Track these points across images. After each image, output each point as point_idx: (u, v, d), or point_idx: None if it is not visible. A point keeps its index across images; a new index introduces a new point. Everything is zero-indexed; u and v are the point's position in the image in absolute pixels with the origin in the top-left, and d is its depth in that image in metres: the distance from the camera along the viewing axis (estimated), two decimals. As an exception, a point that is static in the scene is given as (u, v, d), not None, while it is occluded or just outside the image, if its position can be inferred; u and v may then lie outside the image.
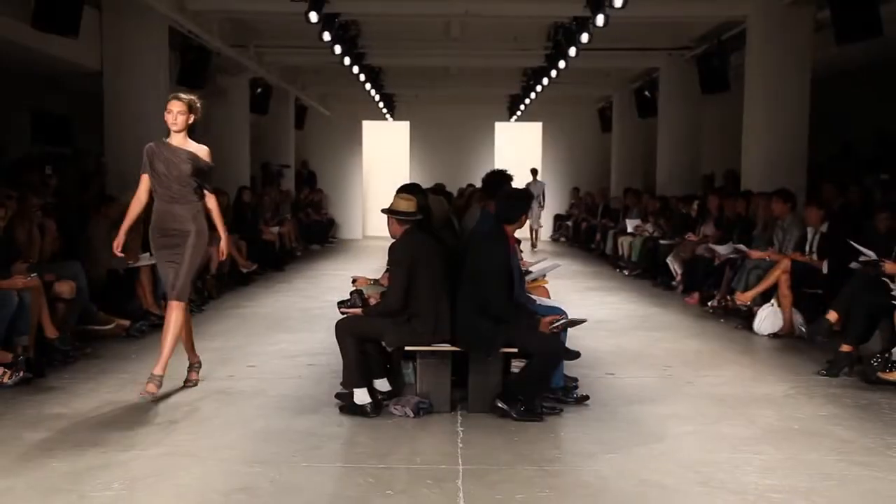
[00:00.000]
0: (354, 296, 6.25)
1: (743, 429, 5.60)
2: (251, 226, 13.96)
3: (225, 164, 16.44)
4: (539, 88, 18.22)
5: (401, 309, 5.81)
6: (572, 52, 13.65)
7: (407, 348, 6.04)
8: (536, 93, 18.92)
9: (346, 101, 23.22)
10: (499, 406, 5.75)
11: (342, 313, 6.18)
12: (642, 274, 13.77)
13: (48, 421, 5.65)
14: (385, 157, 24.89)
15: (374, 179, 24.67)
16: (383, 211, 6.08)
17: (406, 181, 9.19)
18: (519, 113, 23.00)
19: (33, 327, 6.96)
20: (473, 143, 24.02)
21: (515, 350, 5.88)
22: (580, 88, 21.11)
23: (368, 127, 24.55)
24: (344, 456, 5.10)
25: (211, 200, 6.41)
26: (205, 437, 5.34)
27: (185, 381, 6.57)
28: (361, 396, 5.81)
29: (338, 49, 13.64)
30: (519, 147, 24.76)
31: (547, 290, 7.41)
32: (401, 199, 6.07)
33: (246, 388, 6.59)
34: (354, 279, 6.83)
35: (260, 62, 16.36)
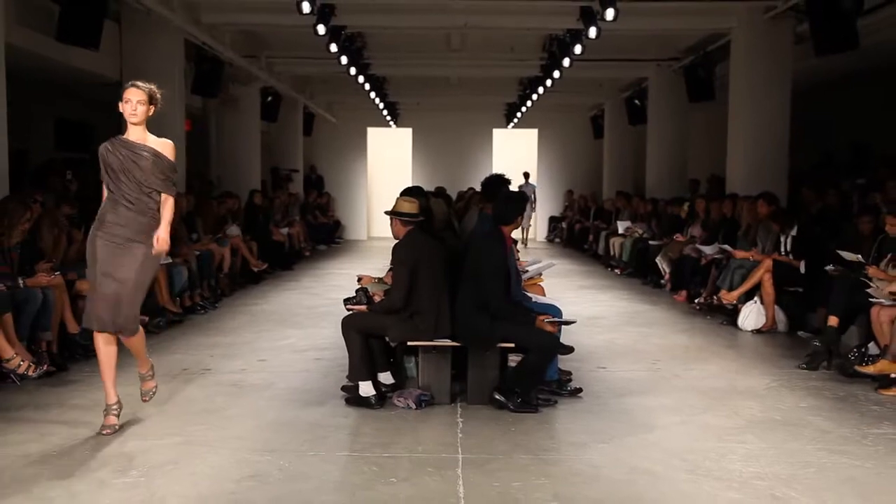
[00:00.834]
0: (360, 293, 6.25)
1: (728, 419, 5.60)
2: (262, 227, 13.97)
3: (237, 168, 16.57)
4: (535, 97, 18.22)
5: (404, 306, 5.81)
6: (566, 62, 13.70)
7: (409, 343, 6.05)
8: (532, 101, 18.91)
9: (352, 109, 23.21)
10: (496, 398, 5.76)
11: (348, 310, 6.19)
12: (633, 273, 13.77)
13: (70, 412, 5.66)
14: (389, 162, 24.88)
15: (378, 183, 24.67)
16: (387, 213, 6.09)
17: (409, 185, 9.19)
18: (516, 120, 22.98)
19: (56, 323, 6.98)
20: (472, 149, 24.02)
21: (512, 345, 5.89)
22: (574, 97, 21.10)
23: (373, 133, 24.54)
24: (349, 445, 5.09)
25: (168, 202, 5.15)
26: (218, 428, 5.34)
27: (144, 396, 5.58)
28: (366, 389, 5.81)
29: (344, 60, 13.64)
30: (516, 152, 24.78)
31: (542, 288, 7.42)
32: (403, 201, 6.08)
33: (257, 381, 6.59)
34: (360, 278, 6.83)
35: (270, 72, 16.37)
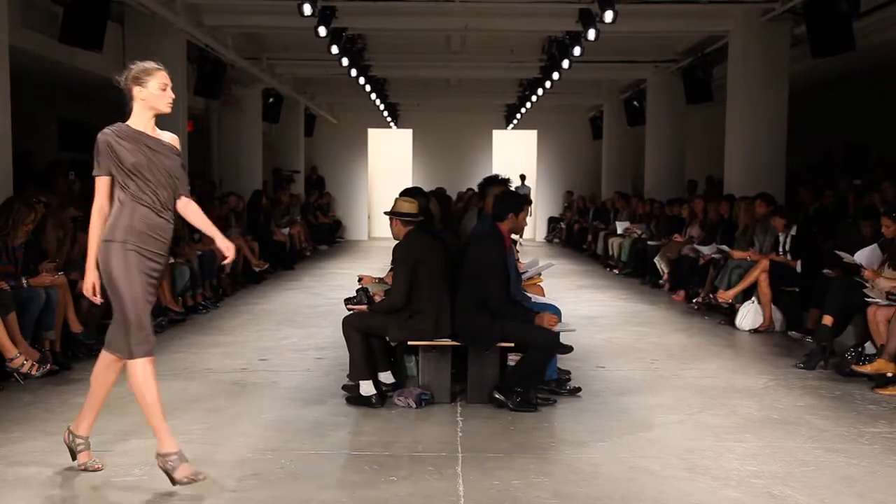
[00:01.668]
0: (360, 293, 6.24)
1: (725, 418, 5.60)
2: (263, 227, 13.97)
3: (239, 169, 16.57)
4: (534, 98, 18.21)
5: (404, 306, 5.80)
6: (565, 64, 13.70)
7: (410, 343, 6.05)
8: (532, 102, 18.90)
9: (353, 110, 23.21)
10: (496, 397, 5.76)
11: (349, 309, 6.18)
12: (631, 273, 13.76)
13: (72, 410, 5.62)
14: (389, 162, 24.88)
15: (378, 184, 24.67)
16: (387, 213, 6.09)
17: (409, 185, 9.17)
18: (515, 121, 22.98)
19: (59, 322, 6.97)
20: (472, 150, 24.02)
21: (512, 344, 5.89)
22: (573, 98, 21.11)
23: (373, 134, 24.54)
24: (350, 444, 5.09)
25: (192, 204, 4.52)
26: (219, 426, 5.34)
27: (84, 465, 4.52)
28: (367, 388, 5.81)
29: (345, 61, 13.64)
30: (515, 154, 24.78)
31: (542, 288, 7.42)
32: (403, 201, 6.07)
33: (258, 381, 6.59)
34: (360, 277, 6.82)
35: (272, 74, 16.36)
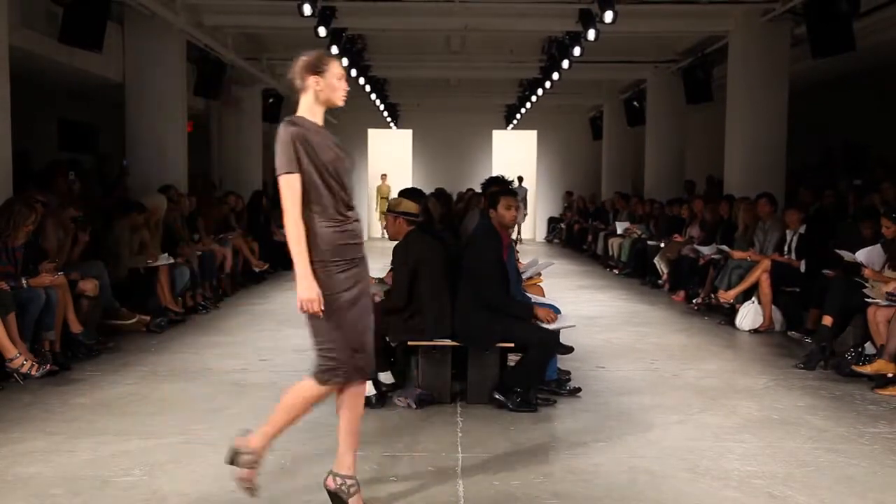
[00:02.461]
0: (360, 293, 6.22)
1: (725, 418, 5.59)
2: (263, 228, 13.94)
3: (239, 170, 16.56)
4: (534, 98, 18.22)
5: (404, 306, 5.80)
6: (565, 64, 13.71)
7: (410, 343, 6.03)
8: (532, 103, 18.91)
9: (353, 110, 23.08)
10: (496, 397, 5.74)
11: (349, 310, 6.16)
12: (631, 273, 13.76)
13: (72, 411, 5.64)
14: (389, 163, 24.87)
15: (378, 184, 24.65)
16: (387, 212, 6.07)
17: (409, 186, 9.16)
18: (515, 122, 22.98)
19: (59, 323, 6.96)
20: (472, 150, 24.03)
21: (512, 344, 5.87)
22: (573, 99, 21.11)
23: (373, 135, 24.54)
24: (350, 444, 5.07)
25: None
26: (220, 426, 5.32)
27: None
28: (367, 388, 5.79)
29: (345, 61, 13.61)
30: (515, 154, 24.77)
31: (542, 288, 7.41)
32: (403, 201, 6.07)
33: (258, 381, 6.58)
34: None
35: (272, 74, 16.35)
